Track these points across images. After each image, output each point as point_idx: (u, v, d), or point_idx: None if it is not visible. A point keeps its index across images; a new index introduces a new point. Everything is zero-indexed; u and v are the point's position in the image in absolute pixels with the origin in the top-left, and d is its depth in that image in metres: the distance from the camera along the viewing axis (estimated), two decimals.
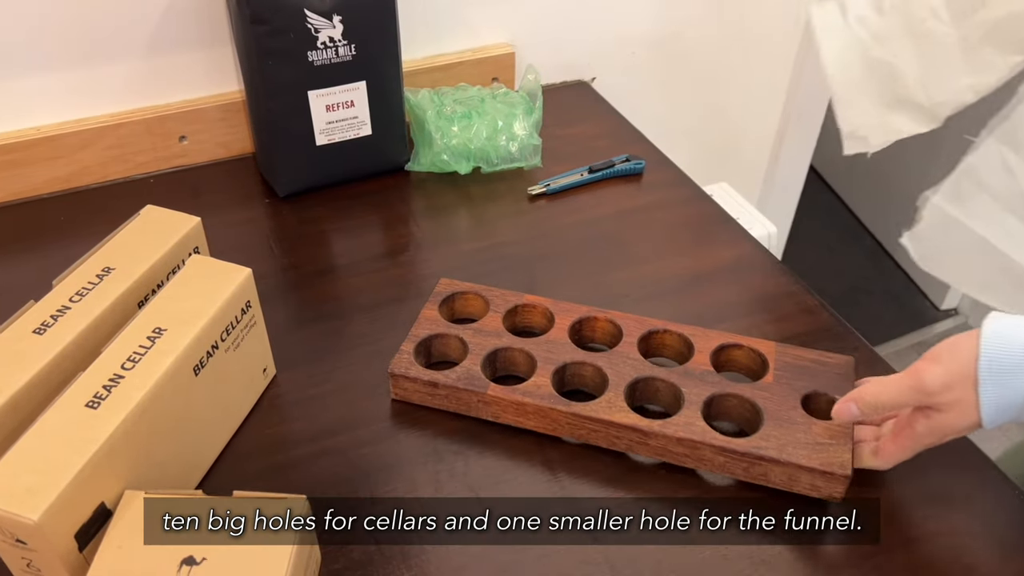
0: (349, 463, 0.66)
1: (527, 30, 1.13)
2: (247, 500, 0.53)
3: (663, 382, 0.68)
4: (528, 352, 0.71)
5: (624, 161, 1.00)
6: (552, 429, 0.68)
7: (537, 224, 0.93)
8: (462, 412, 0.69)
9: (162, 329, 0.60)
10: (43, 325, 0.61)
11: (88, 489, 0.52)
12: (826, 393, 0.67)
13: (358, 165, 0.97)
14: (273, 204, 0.95)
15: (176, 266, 0.69)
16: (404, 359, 0.70)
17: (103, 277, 0.65)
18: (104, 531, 0.53)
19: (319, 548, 0.58)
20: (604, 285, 0.83)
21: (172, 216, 0.72)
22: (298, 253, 0.88)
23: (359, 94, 0.92)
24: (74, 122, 0.94)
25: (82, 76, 0.93)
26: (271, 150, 0.93)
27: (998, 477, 0.65)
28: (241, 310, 0.66)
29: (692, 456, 0.65)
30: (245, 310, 0.66)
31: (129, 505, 0.53)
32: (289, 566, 0.50)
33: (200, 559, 0.50)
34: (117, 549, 0.51)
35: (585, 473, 0.66)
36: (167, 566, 0.50)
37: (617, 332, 0.73)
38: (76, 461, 0.51)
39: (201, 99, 0.99)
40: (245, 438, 0.68)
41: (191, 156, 1.00)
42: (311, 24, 0.86)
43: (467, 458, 0.67)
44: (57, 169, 0.94)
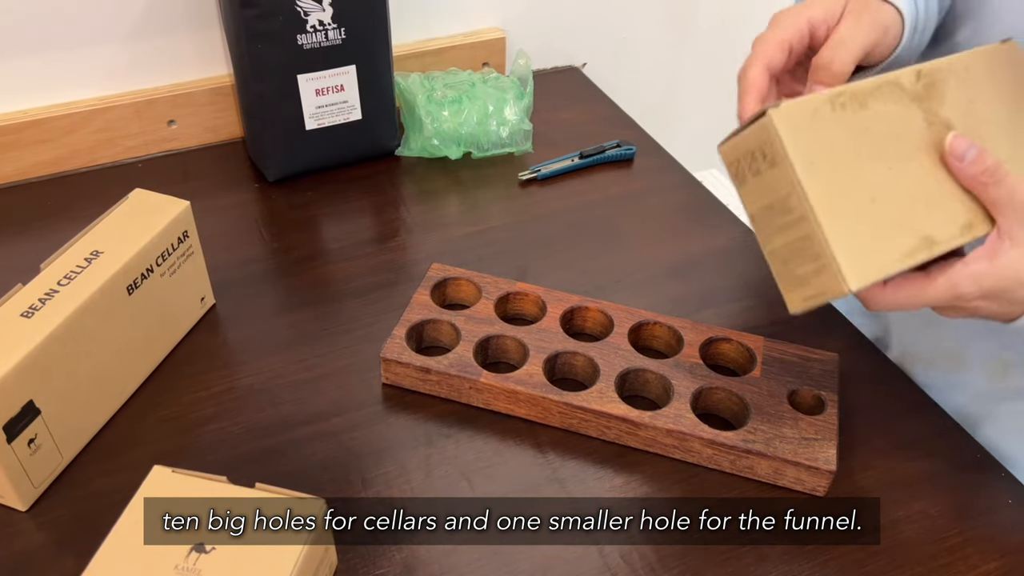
0: (340, 446, 0.66)
1: (518, 15, 1.13)
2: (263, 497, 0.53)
3: (653, 374, 0.69)
4: (520, 340, 0.71)
5: (615, 147, 0.99)
6: (543, 417, 0.68)
7: (528, 209, 0.93)
8: (453, 398, 0.70)
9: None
10: (31, 308, 0.61)
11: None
12: (811, 388, 0.67)
13: (348, 150, 0.97)
14: (262, 188, 0.94)
15: (166, 250, 0.69)
16: (396, 344, 0.70)
17: (91, 260, 0.65)
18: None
19: (335, 550, 0.58)
20: (595, 270, 0.84)
21: (161, 200, 0.71)
22: (288, 238, 0.87)
23: (349, 78, 0.92)
24: (62, 105, 0.93)
25: (70, 59, 0.92)
26: (260, 134, 0.92)
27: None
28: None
29: (681, 447, 0.65)
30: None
31: (154, 480, 0.54)
32: (297, 566, 0.50)
33: (210, 548, 0.50)
34: (135, 524, 0.52)
35: (576, 456, 0.66)
36: (177, 549, 0.50)
37: (608, 322, 0.73)
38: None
39: (190, 83, 0.98)
40: (235, 422, 0.68)
41: (180, 140, 0.99)
42: (300, 7, 0.85)
43: (458, 441, 0.67)
44: (45, 153, 0.93)
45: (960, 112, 0.55)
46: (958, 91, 0.55)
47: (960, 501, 0.64)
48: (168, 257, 0.70)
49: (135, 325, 0.68)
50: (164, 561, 0.50)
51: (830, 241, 0.49)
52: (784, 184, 0.50)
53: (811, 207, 0.49)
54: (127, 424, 0.68)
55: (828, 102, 0.52)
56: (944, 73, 0.55)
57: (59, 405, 0.62)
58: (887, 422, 0.69)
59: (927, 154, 0.53)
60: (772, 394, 0.67)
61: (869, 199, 0.51)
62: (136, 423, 0.68)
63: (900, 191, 0.52)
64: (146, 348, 0.71)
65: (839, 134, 0.52)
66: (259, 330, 0.77)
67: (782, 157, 0.50)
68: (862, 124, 0.52)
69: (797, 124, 0.50)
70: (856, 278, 0.49)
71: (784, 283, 0.54)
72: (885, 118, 0.53)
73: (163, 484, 0.54)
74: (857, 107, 0.52)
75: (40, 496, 0.62)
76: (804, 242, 0.51)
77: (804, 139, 0.50)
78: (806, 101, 0.51)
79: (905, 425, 0.69)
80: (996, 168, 0.52)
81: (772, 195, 0.52)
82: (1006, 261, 0.51)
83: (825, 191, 0.50)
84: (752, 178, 0.53)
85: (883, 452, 0.67)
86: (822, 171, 0.50)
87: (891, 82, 0.54)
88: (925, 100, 0.54)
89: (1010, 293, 0.52)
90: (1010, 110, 0.57)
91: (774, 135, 0.50)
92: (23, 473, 0.60)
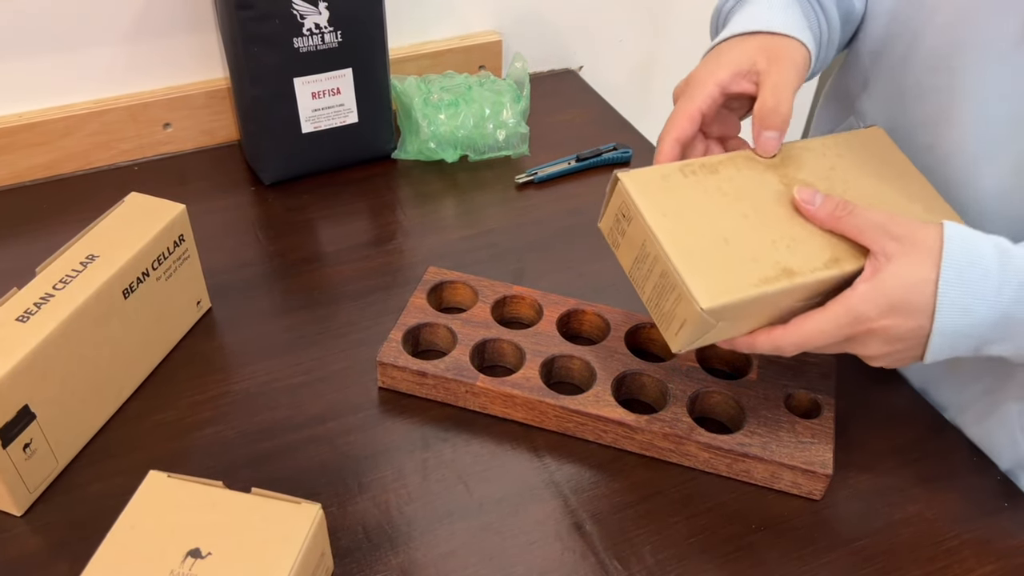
0: (336, 451, 0.66)
1: (515, 18, 1.13)
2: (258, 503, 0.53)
3: (650, 377, 0.69)
4: (517, 344, 0.71)
5: (611, 150, 1.00)
6: (540, 421, 0.68)
7: (524, 212, 0.93)
8: (450, 402, 0.69)
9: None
10: (26, 312, 0.60)
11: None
12: (808, 392, 0.67)
13: (344, 153, 0.96)
14: (259, 192, 0.94)
15: (161, 254, 0.69)
16: (392, 348, 0.70)
17: (87, 264, 0.64)
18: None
19: (332, 555, 0.58)
20: (591, 273, 0.84)
21: (157, 203, 0.71)
22: (284, 241, 0.87)
23: (345, 81, 0.91)
24: (57, 108, 0.93)
25: (65, 61, 0.92)
26: (256, 137, 0.92)
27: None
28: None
29: (678, 451, 0.65)
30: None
31: (150, 486, 0.54)
32: (293, 572, 0.49)
33: (206, 553, 0.50)
34: (130, 529, 0.51)
35: (572, 460, 0.66)
36: (173, 554, 0.50)
37: (605, 326, 0.73)
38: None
39: (186, 85, 0.98)
40: (231, 426, 0.68)
41: (176, 143, 0.99)
42: (297, 10, 0.85)
43: (454, 445, 0.67)
44: (40, 156, 0.93)
45: (820, 176, 0.59)
46: (817, 162, 0.60)
47: (957, 504, 0.64)
48: (164, 261, 0.70)
49: (131, 329, 0.68)
50: (160, 566, 0.49)
51: (680, 271, 0.53)
52: (640, 234, 0.56)
53: (662, 246, 0.54)
54: (123, 428, 0.67)
55: (678, 169, 0.57)
56: (800, 150, 0.60)
57: (54, 410, 0.61)
58: (883, 425, 0.69)
59: (784, 206, 0.57)
60: (768, 397, 0.67)
61: (722, 240, 0.55)
62: (132, 427, 0.68)
63: (756, 234, 0.56)
64: (142, 352, 0.71)
65: (690, 193, 0.56)
66: (255, 334, 0.76)
67: (635, 211, 0.55)
68: (715, 184, 0.57)
69: (647, 184, 0.56)
70: (708, 297, 0.53)
71: (661, 325, 0.58)
72: (739, 180, 0.58)
73: (159, 489, 0.54)
74: (708, 173, 0.58)
75: (35, 501, 0.62)
76: (663, 279, 0.55)
77: (654, 196, 0.56)
78: (656, 168, 0.57)
79: (901, 428, 0.69)
80: (845, 203, 0.56)
81: (636, 248, 0.57)
82: (887, 274, 0.53)
83: (676, 234, 0.55)
84: (621, 239, 0.58)
85: (880, 455, 0.67)
86: (673, 219, 0.55)
87: (744, 155, 0.59)
88: (781, 168, 0.59)
89: (907, 303, 0.53)
90: (873, 183, 0.61)
91: (626, 195, 0.56)
92: (18, 478, 0.60)
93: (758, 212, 0.57)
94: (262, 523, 0.52)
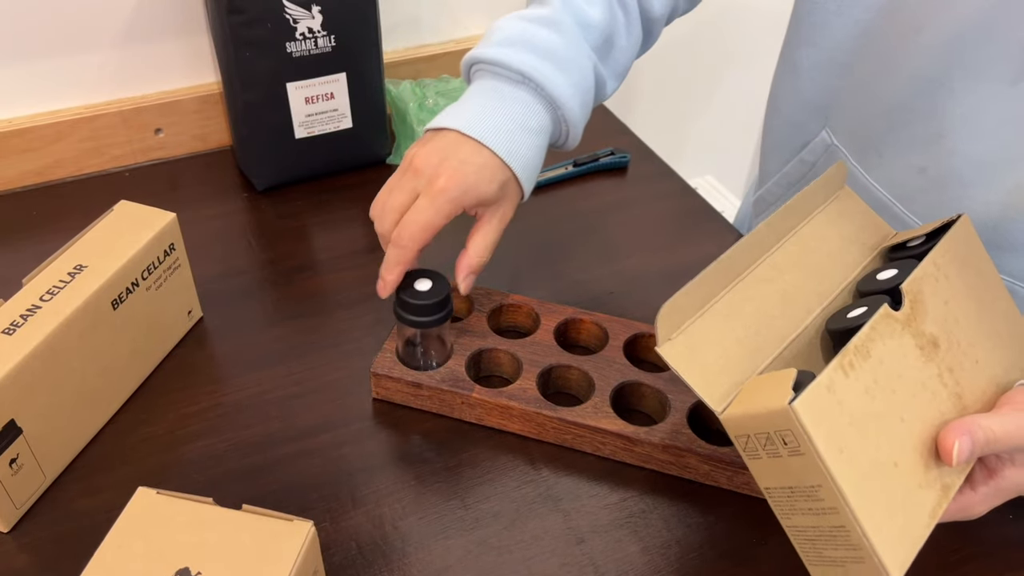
0: (329, 463, 0.65)
1: None
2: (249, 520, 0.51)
3: (649, 387, 0.68)
4: (513, 354, 0.69)
5: (609, 154, 0.98)
6: (537, 433, 0.67)
7: (521, 219, 0.91)
8: (445, 413, 0.68)
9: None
10: (12, 325, 0.59)
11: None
12: None
13: (338, 158, 0.95)
14: (251, 198, 0.93)
15: (151, 263, 0.68)
16: (387, 358, 0.69)
17: (75, 275, 0.63)
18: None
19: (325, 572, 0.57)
20: (589, 281, 0.82)
21: (147, 212, 0.70)
22: (277, 248, 0.86)
23: (339, 86, 0.90)
24: (47, 114, 0.92)
25: (56, 67, 0.90)
26: (249, 143, 0.91)
27: None
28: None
29: (677, 463, 0.64)
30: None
31: (139, 503, 0.52)
32: None
33: (195, 573, 0.49)
34: (118, 548, 0.50)
35: (570, 472, 0.65)
36: (162, 573, 0.48)
37: (603, 335, 0.72)
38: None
39: (177, 91, 0.96)
40: (222, 439, 0.67)
41: (168, 149, 0.98)
42: (289, 14, 0.84)
43: (450, 458, 0.66)
44: (30, 162, 0.92)
45: (939, 321, 0.56)
46: (935, 296, 0.56)
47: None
48: (154, 270, 0.69)
49: (120, 341, 0.67)
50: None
51: (870, 535, 0.47)
52: (812, 475, 0.47)
53: (847, 502, 0.47)
54: (112, 442, 0.66)
55: (839, 368, 0.49)
56: (919, 283, 0.56)
57: (42, 424, 0.60)
58: None
59: (927, 391, 0.53)
60: None
61: (892, 464, 0.49)
62: (121, 441, 0.66)
63: (918, 443, 0.51)
64: (131, 364, 0.69)
65: (857, 402, 0.49)
66: (247, 344, 0.75)
67: (809, 450, 0.47)
68: (872, 377, 0.50)
69: (820, 410, 0.47)
70: (898, 566, 0.48)
71: (809, 558, 0.52)
72: (887, 358, 0.52)
73: (147, 506, 0.52)
74: (862, 360, 0.50)
75: (22, 517, 0.61)
76: (838, 531, 0.48)
77: (827, 424, 0.47)
78: (821, 381, 0.48)
79: None
80: (976, 446, 0.51)
81: (795, 479, 0.49)
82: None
83: (855, 477, 0.47)
84: (768, 459, 0.50)
85: None
86: (850, 454, 0.47)
87: (884, 315, 0.53)
88: (912, 322, 0.54)
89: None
90: (975, 300, 0.58)
91: (798, 429, 0.46)
92: (4, 494, 0.59)
93: (909, 407, 0.51)
94: (253, 541, 0.51)
